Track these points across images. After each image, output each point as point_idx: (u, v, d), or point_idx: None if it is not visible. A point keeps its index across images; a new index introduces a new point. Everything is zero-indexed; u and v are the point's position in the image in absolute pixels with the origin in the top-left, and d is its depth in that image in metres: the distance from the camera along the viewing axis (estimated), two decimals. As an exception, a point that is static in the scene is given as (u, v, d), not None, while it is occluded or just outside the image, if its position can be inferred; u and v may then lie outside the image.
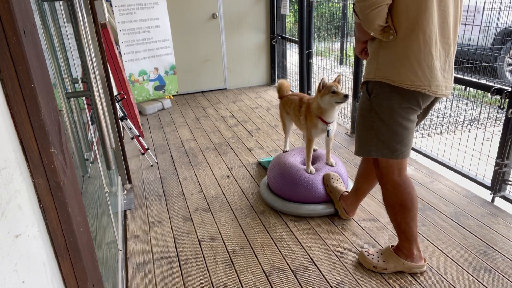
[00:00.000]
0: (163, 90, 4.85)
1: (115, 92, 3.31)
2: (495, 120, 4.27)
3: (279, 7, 5.19)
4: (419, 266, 1.95)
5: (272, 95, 5.29)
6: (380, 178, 1.92)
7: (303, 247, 2.22)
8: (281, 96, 3.02)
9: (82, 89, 1.64)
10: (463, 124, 4.36)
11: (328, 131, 2.52)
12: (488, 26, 3.04)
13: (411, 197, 1.85)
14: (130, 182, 2.97)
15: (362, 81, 1.82)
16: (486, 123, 4.32)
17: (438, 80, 1.67)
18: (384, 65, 1.68)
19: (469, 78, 2.61)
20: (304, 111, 2.63)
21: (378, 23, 1.59)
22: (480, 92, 4.09)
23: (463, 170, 2.80)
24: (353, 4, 1.66)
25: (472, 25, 2.68)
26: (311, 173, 2.53)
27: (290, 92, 3.02)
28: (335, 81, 2.44)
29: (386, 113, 1.72)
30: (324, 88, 2.40)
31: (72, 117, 1.35)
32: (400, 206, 1.87)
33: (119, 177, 2.84)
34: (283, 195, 2.57)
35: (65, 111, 1.23)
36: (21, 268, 0.66)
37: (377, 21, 1.58)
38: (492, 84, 2.42)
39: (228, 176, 3.09)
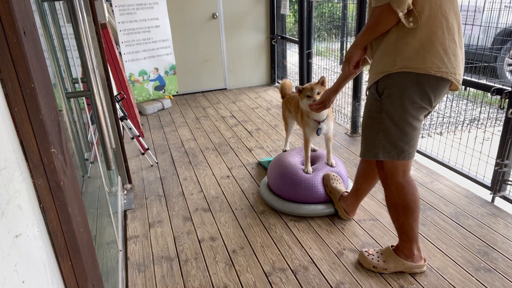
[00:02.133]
0: (163, 90, 4.85)
1: (115, 92, 3.31)
2: (495, 120, 4.27)
3: (279, 7, 5.19)
4: (419, 266, 1.95)
5: (272, 95, 5.28)
6: (384, 179, 1.90)
7: (303, 247, 2.22)
8: (283, 95, 3.05)
9: (82, 89, 1.64)
10: (463, 124, 4.36)
11: (318, 129, 2.51)
12: (488, 26, 3.04)
13: (414, 198, 1.85)
14: (130, 182, 2.97)
15: (370, 82, 1.77)
16: (486, 123, 4.32)
17: (461, 69, 1.65)
18: (406, 54, 1.61)
19: (469, 78, 2.61)
20: (300, 109, 2.65)
21: (409, 2, 1.52)
22: (480, 92, 4.09)
23: (463, 170, 2.80)
24: None
25: (472, 25, 2.68)
26: (307, 172, 2.53)
27: (293, 91, 3.04)
28: (318, 82, 2.43)
29: (398, 112, 1.69)
30: (302, 92, 2.44)
31: (72, 117, 1.35)
32: (403, 208, 1.86)
33: (119, 177, 2.84)
34: (283, 195, 2.57)
35: (65, 111, 1.23)
36: (21, 268, 0.66)
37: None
38: (492, 84, 2.42)
39: (228, 176, 3.09)
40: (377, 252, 2.03)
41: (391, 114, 1.72)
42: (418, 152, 3.18)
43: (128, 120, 3.23)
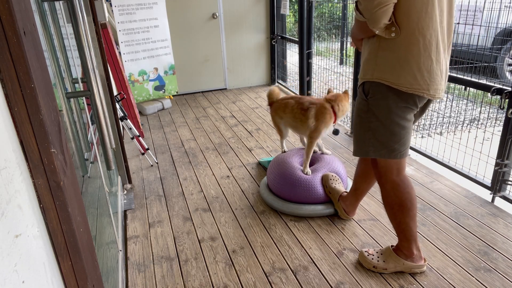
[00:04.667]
0: (163, 90, 4.85)
1: (115, 92, 3.31)
2: (495, 120, 4.27)
3: (279, 7, 5.19)
4: (419, 266, 1.95)
5: (272, 95, 5.28)
6: (379, 178, 1.92)
7: (303, 247, 2.22)
8: (271, 103, 2.95)
9: (82, 89, 1.64)
10: (463, 124, 4.36)
11: (335, 129, 2.79)
12: (488, 26, 3.04)
13: (410, 197, 1.85)
14: (130, 182, 2.97)
15: (359, 82, 1.83)
16: (486, 123, 4.32)
17: (437, 83, 1.68)
18: (383, 66, 1.68)
19: (469, 78, 2.61)
20: (316, 114, 2.58)
21: (384, 22, 1.58)
22: (480, 92, 4.09)
23: (463, 170, 2.80)
24: (356, 2, 1.65)
25: (472, 25, 2.68)
26: (306, 174, 2.54)
27: (284, 96, 2.95)
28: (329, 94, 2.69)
29: (383, 113, 1.73)
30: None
31: (72, 117, 1.35)
32: (399, 206, 1.87)
33: (119, 177, 2.84)
34: (282, 196, 2.57)
35: (65, 111, 1.23)
36: (21, 268, 0.66)
37: (383, 20, 1.56)
38: (492, 84, 2.42)
39: (228, 176, 3.09)
40: (377, 252, 2.03)
41: (378, 114, 1.75)
42: (418, 152, 3.18)
43: (128, 120, 3.22)
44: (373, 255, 2.01)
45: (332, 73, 4.72)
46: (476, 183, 2.68)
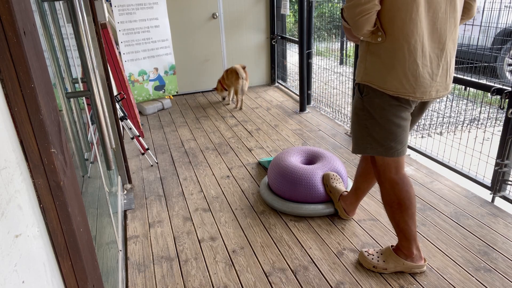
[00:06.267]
0: (163, 90, 4.85)
1: (115, 92, 3.31)
2: (495, 120, 4.27)
3: (279, 7, 5.19)
4: (419, 266, 1.95)
5: (272, 95, 5.28)
6: (378, 176, 1.93)
7: (303, 247, 2.22)
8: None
9: (82, 89, 1.64)
10: (463, 124, 4.36)
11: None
12: (488, 26, 3.04)
13: (409, 195, 1.86)
14: (130, 182, 2.97)
15: (355, 82, 1.86)
16: (486, 123, 4.32)
17: (425, 86, 1.69)
18: (371, 70, 1.72)
19: (469, 78, 2.61)
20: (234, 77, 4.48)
21: (368, 29, 1.61)
22: (480, 92, 4.09)
23: (463, 170, 2.80)
24: (341, 10, 1.68)
25: (472, 25, 2.69)
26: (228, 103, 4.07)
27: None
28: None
29: (378, 111, 1.75)
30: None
31: (72, 117, 1.35)
32: (398, 205, 1.87)
33: (119, 177, 2.84)
34: (283, 195, 2.57)
35: (65, 111, 1.23)
36: (21, 268, 0.66)
37: (366, 27, 1.60)
38: (492, 84, 2.42)
39: (228, 176, 3.09)
40: (377, 252, 2.03)
41: (373, 113, 1.77)
42: (418, 152, 3.18)
43: (128, 120, 3.22)
44: (373, 255, 2.01)
45: (332, 73, 4.72)
46: (476, 183, 2.68)
